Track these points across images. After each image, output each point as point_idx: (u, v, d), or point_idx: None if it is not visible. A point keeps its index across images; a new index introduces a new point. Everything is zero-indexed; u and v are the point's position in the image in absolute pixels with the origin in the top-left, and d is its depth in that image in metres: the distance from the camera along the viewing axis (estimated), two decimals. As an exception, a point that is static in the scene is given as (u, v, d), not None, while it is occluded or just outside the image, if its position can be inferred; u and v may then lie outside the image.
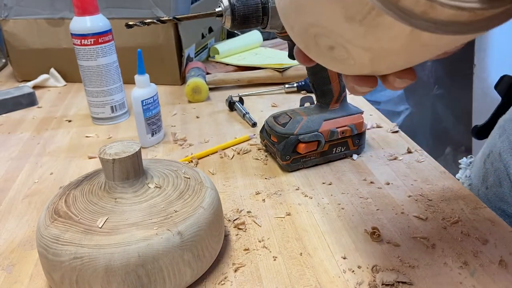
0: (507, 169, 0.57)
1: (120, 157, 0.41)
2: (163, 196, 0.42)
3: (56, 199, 0.43)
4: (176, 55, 0.93)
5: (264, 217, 0.52)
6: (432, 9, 0.20)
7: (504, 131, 0.59)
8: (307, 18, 0.26)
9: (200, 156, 0.66)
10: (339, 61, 0.28)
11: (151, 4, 0.88)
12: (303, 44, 0.30)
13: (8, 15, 0.95)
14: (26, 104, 0.88)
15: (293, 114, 0.61)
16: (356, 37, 0.24)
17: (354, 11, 0.23)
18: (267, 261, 0.45)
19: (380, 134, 0.71)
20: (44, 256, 0.39)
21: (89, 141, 0.74)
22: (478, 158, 0.66)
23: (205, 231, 0.41)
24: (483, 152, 0.64)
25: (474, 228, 0.48)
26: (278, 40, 1.18)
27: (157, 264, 0.38)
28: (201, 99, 0.87)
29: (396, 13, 0.21)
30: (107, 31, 0.74)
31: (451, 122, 1.86)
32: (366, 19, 0.22)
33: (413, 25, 0.21)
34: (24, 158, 0.68)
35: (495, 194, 0.59)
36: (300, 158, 0.60)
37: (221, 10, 0.52)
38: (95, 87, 0.76)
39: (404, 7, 0.21)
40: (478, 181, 0.63)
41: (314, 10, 0.25)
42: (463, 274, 0.42)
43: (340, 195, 0.55)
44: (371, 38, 0.24)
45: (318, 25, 0.26)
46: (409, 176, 0.59)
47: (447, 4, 0.20)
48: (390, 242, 0.47)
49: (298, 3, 0.26)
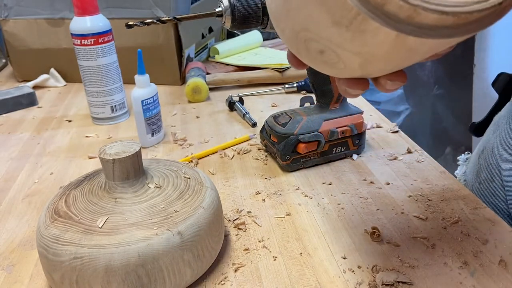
0: (499, 164, 0.57)
1: (120, 157, 0.41)
2: (163, 196, 0.42)
3: (56, 199, 0.43)
4: (176, 55, 0.93)
5: (264, 217, 0.52)
6: (417, 14, 0.21)
7: (498, 127, 0.60)
8: (297, 23, 0.26)
9: (200, 156, 0.66)
10: (330, 65, 0.28)
11: (151, 4, 0.88)
12: (294, 48, 0.31)
13: (8, 15, 0.95)
14: (26, 104, 0.88)
15: (293, 114, 0.61)
16: (344, 41, 0.24)
17: (340, 16, 0.23)
18: (267, 261, 0.45)
19: (380, 134, 0.71)
20: (44, 256, 0.39)
21: (89, 141, 0.74)
22: (474, 154, 0.66)
23: (205, 231, 0.41)
24: (478, 148, 0.65)
25: (474, 228, 0.48)
26: (278, 40, 1.18)
27: (157, 264, 0.38)
28: (201, 99, 0.87)
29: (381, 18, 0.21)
30: (107, 31, 0.74)
31: (451, 122, 1.86)
32: (352, 24, 0.23)
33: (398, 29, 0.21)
34: (24, 158, 0.68)
35: (487, 189, 0.59)
36: (300, 158, 0.60)
37: (221, 10, 0.52)
38: (95, 87, 0.76)
39: (389, 12, 0.21)
40: (472, 177, 0.64)
41: (303, 15, 0.25)
42: (463, 274, 0.42)
43: (340, 195, 0.55)
44: (359, 43, 0.24)
45: (307, 29, 0.26)
46: (409, 176, 0.59)
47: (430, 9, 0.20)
48: (390, 242, 0.47)
49: (288, 7, 0.26)
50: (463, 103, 1.69)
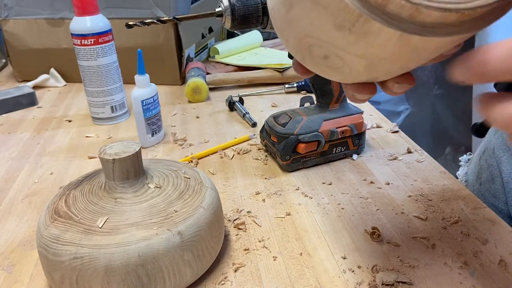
0: (499, 165, 0.57)
1: (120, 157, 0.41)
2: (163, 196, 0.42)
3: (56, 199, 0.43)
4: (176, 55, 0.93)
5: (264, 217, 0.52)
6: (419, 12, 0.20)
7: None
8: (300, 30, 0.26)
9: (200, 156, 0.66)
10: (335, 69, 0.28)
11: (151, 4, 0.88)
12: (299, 56, 0.31)
13: (8, 15, 0.95)
14: (26, 104, 0.88)
15: (293, 114, 0.61)
16: (347, 44, 0.24)
17: (342, 19, 0.23)
18: (267, 261, 0.45)
19: (380, 134, 0.71)
20: (44, 256, 0.39)
21: (89, 141, 0.74)
22: (475, 155, 0.66)
23: (205, 231, 0.41)
24: (480, 149, 0.65)
25: (474, 228, 0.48)
26: (278, 40, 1.18)
27: (157, 264, 0.38)
28: (201, 99, 0.87)
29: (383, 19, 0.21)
30: (107, 31, 0.74)
31: (451, 122, 1.86)
32: (355, 27, 0.22)
33: (401, 29, 0.21)
34: (24, 158, 0.68)
35: (488, 190, 0.59)
36: (300, 158, 0.60)
37: (221, 10, 0.52)
38: (95, 87, 0.76)
39: (390, 12, 0.21)
40: (473, 178, 0.64)
41: (306, 21, 0.25)
42: (463, 274, 0.42)
43: (340, 195, 0.55)
44: (362, 45, 0.24)
45: (310, 35, 0.26)
46: (409, 176, 0.59)
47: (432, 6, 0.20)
48: (390, 242, 0.47)
49: (291, 17, 0.26)
50: (463, 103, 1.69)
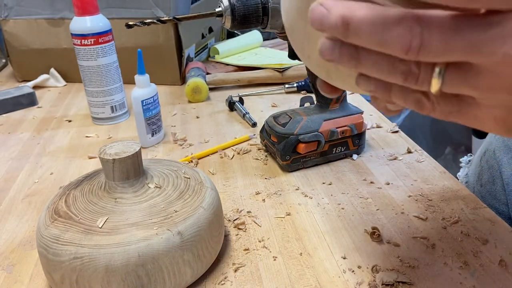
0: (500, 167, 0.57)
1: (120, 157, 0.41)
2: (163, 196, 0.42)
3: (56, 199, 0.43)
4: (176, 55, 0.93)
5: (264, 217, 0.52)
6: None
7: None
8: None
9: (200, 156, 0.66)
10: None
11: (151, 4, 0.88)
12: (324, 72, 0.30)
13: (8, 15, 0.95)
14: (26, 104, 0.88)
15: (293, 114, 0.61)
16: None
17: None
18: (267, 261, 0.45)
19: (380, 134, 0.71)
20: (44, 256, 0.39)
21: (89, 141, 0.74)
22: (476, 157, 0.66)
23: (205, 231, 0.41)
24: (480, 150, 0.65)
25: (474, 228, 0.48)
26: (278, 40, 1.18)
27: (157, 264, 0.38)
28: (201, 99, 0.87)
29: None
30: (107, 31, 0.74)
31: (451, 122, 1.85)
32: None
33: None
34: (24, 158, 0.68)
35: (488, 191, 0.59)
36: (300, 158, 0.60)
37: (221, 10, 0.52)
38: (95, 87, 0.76)
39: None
40: (474, 179, 0.64)
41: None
42: (463, 274, 0.42)
43: (340, 195, 0.55)
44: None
45: None
46: (409, 176, 0.59)
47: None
48: (390, 242, 0.47)
49: (310, 29, 0.26)
50: (463, 103, 1.69)
